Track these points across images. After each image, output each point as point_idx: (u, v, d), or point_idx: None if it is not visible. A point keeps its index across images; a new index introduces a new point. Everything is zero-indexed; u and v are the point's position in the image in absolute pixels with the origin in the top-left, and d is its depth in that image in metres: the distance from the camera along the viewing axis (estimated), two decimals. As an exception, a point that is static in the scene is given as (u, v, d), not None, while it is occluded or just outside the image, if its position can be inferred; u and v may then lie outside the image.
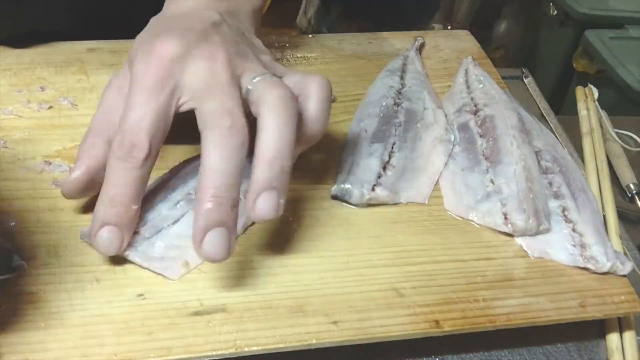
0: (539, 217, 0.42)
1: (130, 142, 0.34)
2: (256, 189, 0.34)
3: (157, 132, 0.35)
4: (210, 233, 0.33)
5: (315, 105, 0.38)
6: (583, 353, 0.40)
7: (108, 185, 0.35)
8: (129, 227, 0.36)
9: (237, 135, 0.34)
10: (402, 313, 0.37)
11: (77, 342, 0.33)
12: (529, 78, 0.65)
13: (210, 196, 0.33)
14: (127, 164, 0.34)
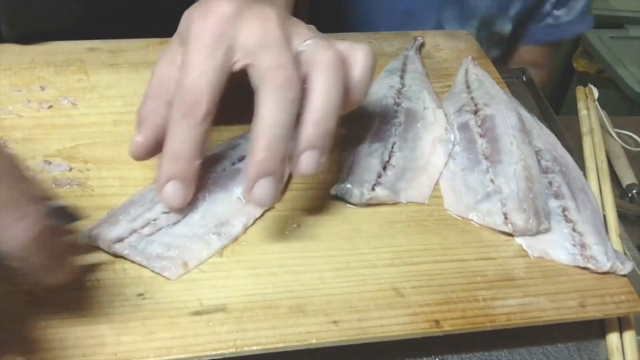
0: (539, 217, 0.42)
1: (192, 99, 0.35)
2: (302, 146, 0.36)
3: (215, 89, 0.36)
4: (262, 181, 0.36)
5: (360, 72, 0.39)
6: (583, 353, 0.40)
7: (171, 141, 0.36)
8: (192, 181, 0.38)
9: (291, 90, 0.35)
10: (402, 313, 0.37)
11: (77, 342, 0.33)
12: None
13: (263, 146, 0.35)
14: (189, 121, 0.36)
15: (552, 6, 0.87)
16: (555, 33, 0.90)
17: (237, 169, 0.43)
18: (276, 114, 0.35)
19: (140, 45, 0.55)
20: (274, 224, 0.41)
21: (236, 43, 0.36)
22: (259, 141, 0.35)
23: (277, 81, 0.35)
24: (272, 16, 0.37)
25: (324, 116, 0.36)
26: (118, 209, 0.40)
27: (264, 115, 0.35)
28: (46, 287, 0.34)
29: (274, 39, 0.36)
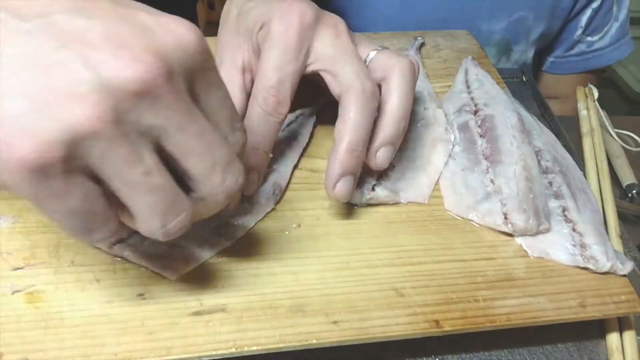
0: (539, 217, 0.42)
1: (277, 98, 0.39)
2: (380, 142, 0.40)
3: (294, 90, 0.40)
4: (343, 180, 0.39)
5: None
6: (583, 353, 0.40)
7: (252, 134, 0.38)
8: (264, 170, 0.41)
9: (374, 99, 0.39)
10: (402, 313, 0.37)
11: (77, 342, 0.33)
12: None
13: (348, 148, 0.38)
14: (272, 118, 0.39)
15: (583, 31, 0.81)
16: (589, 61, 0.83)
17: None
18: (360, 120, 0.38)
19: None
20: (274, 224, 0.41)
21: (312, 48, 0.40)
22: (343, 142, 0.38)
23: (365, 89, 0.38)
24: (343, 27, 0.41)
25: (404, 115, 0.40)
26: (118, 209, 0.39)
27: (350, 120, 0.38)
28: None
29: (351, 50, 0.40)
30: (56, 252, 0.38)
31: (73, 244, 0.38)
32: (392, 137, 0.40)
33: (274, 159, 0.44)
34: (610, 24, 0.81)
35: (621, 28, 0.81)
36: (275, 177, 0.43)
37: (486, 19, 0.77)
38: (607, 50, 0.82)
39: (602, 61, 0.83)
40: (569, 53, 0.84)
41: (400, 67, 0.40)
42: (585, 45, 0.82)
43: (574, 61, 0.84)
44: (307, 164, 0.46)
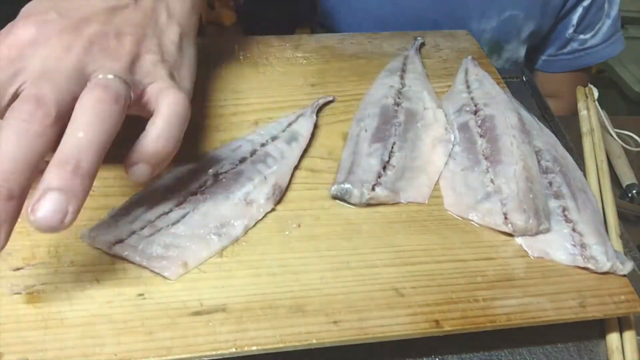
0: (539, 217, 0.42)
1: None
2: (40, 187, 0.31)
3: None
4: None
5: (160, 122, 0.35)
6: (583, 353, 0.40)
7: None
8: None
9: (37, 123, 0.31)
10: (402, 313, 0.37)
11: (77, 342, 0.33)
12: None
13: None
14: None
15: (575, 29, 0.80)
16: (582, 58, 0.82)
17: (238, 170, 0.43)
18: (13, 146, 0.31)
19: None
20: (274, 224, 0.41)
21: (27, 69, 0.34)
22: None
23: (21, 111, 0.31)
24: (77, 48, 0.35)
25: (75, 153, 0.32)
26: (118, 210, 0.40)
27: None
28: None
29: (61, 70, 0.34)
30: (56, 252, 0.38)
31: (73, 244, 0.38)
32: (53, 181, 0.31)
33: (274, 159, 0.44)
34: (602, 21, 0.80)
35: (613, 25, 0.81)
36: (276, 178, 0.43)
37: (476, 18, 0.77)
38: (600, 47, 0.82)
39: (595, 59, 0.83)
40: (561, 51, 0.84)
41: (86, 99, 0.33)
42: (577, 43, 0.82)
43: (566, 59, 0.84)
44: (307, 164, 0.46)
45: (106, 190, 0.42)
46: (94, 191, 0.42)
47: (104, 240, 0.37)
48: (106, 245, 0.37)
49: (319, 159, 0.47)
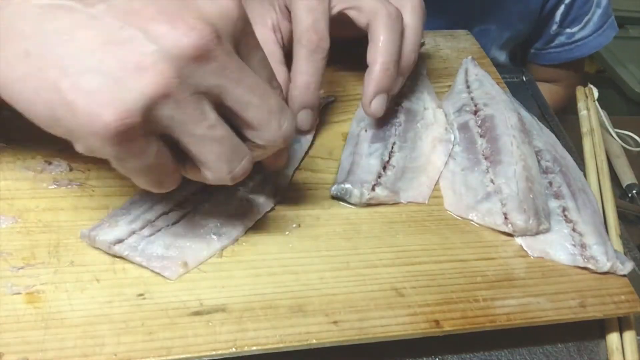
0: (539, 217, 0.42)
1: (318, 36, 0.42)
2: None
3: (329, 27, 0.43)
4: (378, 97, 0.43)
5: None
6: (583, 353, 0.40)
7: (302, 74, 0.43)
8: (318, 108, 0.45)
9: (400, 21, 0.44)
10: (402, 313, 0.37)
11: (77, 342, 0.33)
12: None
13: (381, 68, 0.42)
14: (317, 55, 0.42)
15: (559, 25, 0.80)
16: (572, 51, 0.82)
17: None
18: (390, 41, 0.42)
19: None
20: (274, 224, 0.41)
21: None
22: (377, 63, 0.42)
23: (388, 15, 0.43)
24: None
25: (415, 48, 0.44)
26: (118, 210, 0.40)
27: (382, 42, 0.42)
28: None
29: None
30: (56, 252, 0.38)
31: (73, 244, 0.38)
32: (407, 68, 0.45)
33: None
34: (592, 12, 0.79)
35: (604, 13, 0.79)
36: (276, 178, 0.43)
37: None
38: (591, 38, 0.80)
39: (586, 50, 0.82)
40: (548, 46, 0.83)
41: (412, 4, 0.45)
42: (565, 37, 0.81)
43: (555, 52, 0.83)
44: (308, 164, 0.46)
45: (106, 190, 0.42)
46: (94, 191, 0.42)
47: (104, 240, 0.37)
48: (106, 245, 0.37)
49: (319, 159, 0.47)
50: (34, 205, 0.40)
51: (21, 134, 0.45)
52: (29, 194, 0.41)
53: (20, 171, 0.42)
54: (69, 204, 0.40)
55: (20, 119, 0.32)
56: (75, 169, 0.43)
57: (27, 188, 0.41)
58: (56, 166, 0.43)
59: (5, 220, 0.39)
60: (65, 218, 0.40)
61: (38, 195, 0.41)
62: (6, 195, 0.41)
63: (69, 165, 0.43)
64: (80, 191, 0.42)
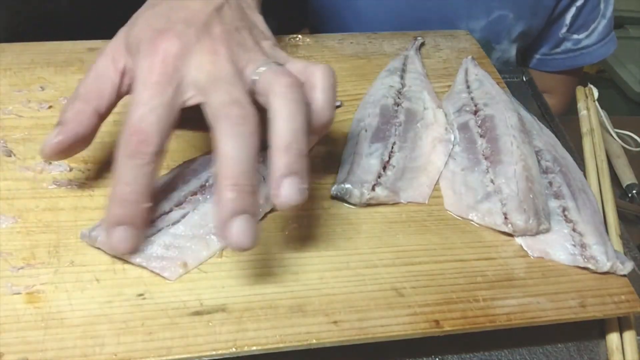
0: (539, 217, 0.42)
1: (139, 137, 0.34)
2: (277, 175, 0.34)
3: (165, 126, 0.35)
4: (235, 222, 0.33)
5: (321, 94, 0.38)
6: (583, 353, 0.40)
7: (119, 183, 0.35)
8: (142, 224, 0.36)
9: (248, 124, 0.34)
10: (402, 313, 0.37)
11: (77, 342, 0.33)
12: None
13: (229, 185, 0.33)
14: (137, 161, 0.34)
15: (568, 29, 0.80)
16: (577, 59, 0.82)
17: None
18: (236, 150, 0.34)
19: (140, 45, 0.55)
20: (274, 224, 0.41)
21: (186, 79, 0.36)
22: (224, 180, 0.33)
23: (232, 116, 0.34)
24: (222, 49, 0.37)
25: (293, 139, 0.35)
26: (118, 209, 0.39)
27: (225, 152, 0.34)
28: None
29: (225, 74, 0.36)
30: (56, 252, 0.38)
31: (73, 243, 0.38)
32: (289, 167, 0.34)
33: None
34: (597, 21, 0.80)
35: (608, 25, 0.80)
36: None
37: (465, 18, 0.76)
38: (595, 47, 0.81)
39: (589, 59, 0.82)
40: (554, 51, 0.83)
41: (279, 88, 0.35)
42: (571, 43, 0.81)
43: (560, 59, 0.83)
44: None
45: (106, 190, 0.42)
46: (94, 191, 0.42)
47: (104, 240, 0.37)
48: (106, 245, 0.37)
49: (319, 159, 0.47)
50: (34, 205, 0.40)
51: (21, 133, 0.45)
52: (29, 194, 0.41)
53: (20, 171, 0.42)
54: (69, 204, 0.40)
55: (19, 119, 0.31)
56: (75, 169, 0.43)
57: (27, 188, 0.41)
58: (56, 166, 0.43)
59: (5, 220, 0.39)
60: (65, 218, 0.40)
61: (38, 195, 0.41)
62: (6, 195, 0.41)
63: (69, 165, 0.43)
64: (80, 191, 0.42)
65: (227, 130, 0.34)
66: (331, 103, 0.38)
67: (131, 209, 0.35)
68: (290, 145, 0.34)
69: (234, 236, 0.33)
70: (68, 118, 0.38)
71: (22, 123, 0.46)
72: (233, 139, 0.34)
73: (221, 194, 0.33)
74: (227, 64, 0.36)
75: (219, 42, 0.37)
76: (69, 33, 0.55)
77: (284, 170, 0.34)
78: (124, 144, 0.34)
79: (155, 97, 0.35)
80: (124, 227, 0.35)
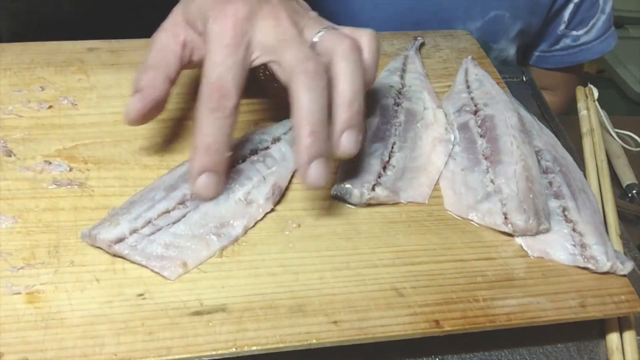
0: (539, 217, 0.42)
1: (220, 93, 0.38)
2: (339, 128, 0.39)
3: (239, 83, 0.39)
4: (313, 164, 0.38)
5: (368, 55, 0.42)
6: (583, 353, 0.40)
7: (202, 134, 0.38)
8: (223, 172, 0.40)
9: (323, 77, 0.38)
10: (402, 313, 0.37)
11: (77, 342, 0.33)
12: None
13: (308, 133, 0.37)
14: (219, 114, 0.38)
15: (566, 26, 0.80)
16: (576, 55, 0.82)
17: (238, 169, 0.43)
18: (314, 101, 0.38)
19: (140, 45, 0.55)
20: (274, 224, 0.41)
21: (254, 41, 0.40)
22: (303, 129, 0.38)
23: (307, 72, 0.38)
24: (283, 14, 0.40)
25: (355, 96, 0.39)
26: (118, 209, 0.40)
27: (302, 104, 0.38)
28: None
29: (291, 35, 0.40)
30: (56, 252, 0.38)
31: (73, 244, 0.38)
32: (350, 120, 0.39)
33: (275, 159, 0.44)
34: (597, 16, 0.79)
35: (608, 21, 0.80)
36: (275, 179, 0.43)
37: (461, 20, 0.76)
38: (594, 43, 0.81)
39: (589, 55, 0.82)
40: (554, 48, 0.83)
41: (344, 48, 0.40)
42: (570, 39, 0.81)
43: (560, 55, 0.83)
44: (307, 164, 0.46)
45: (106, 190, 0.42)
46: (94, 191, 0.42)
47: (104, 238, 0.37)
48: (107, 244, 0.37)
49: (319, 159, 0.47)
50: (34, 205, 0.40)
51: (21, 133, 0.45)
52: (29, 194, 0.41)
53: (20, 171, 0.42)
54: (69, 204, 0.40)
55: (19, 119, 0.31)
56: (75, 169, 0.43)
57: (27, 188, 0.41)
58: (56, 166, 0.43)
59: (5, 220, 0.39)
60: (65, 218, 0.40)
61: (38, 195, 0.41)
62: (6, 195, 0.41)
63: (69, 165, 0.43)
64: (80, 191, 0.42)
65: (305, 83, 0.38)
66: (376, 64, 0.43)
67: (215, 157, 0.39)
68: (352, 102, 0.39)
69: (312, 177, 0.38)
70: (144, 85, 0.41)
71: (22, 123, 0.46)
72: (310, 92, 0.38)
73: (300, 141, 0.38)
74: (291, 27, 0.40)
75: (279, 9, 0.41)
76: (69, 33, 0.55)
77: (345, 124, 0.39)
78: (205, 100, 0.38)
79: (229, 57, 0.39)
80: (208, 173, 0.39)
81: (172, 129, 0.47)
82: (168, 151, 0.45)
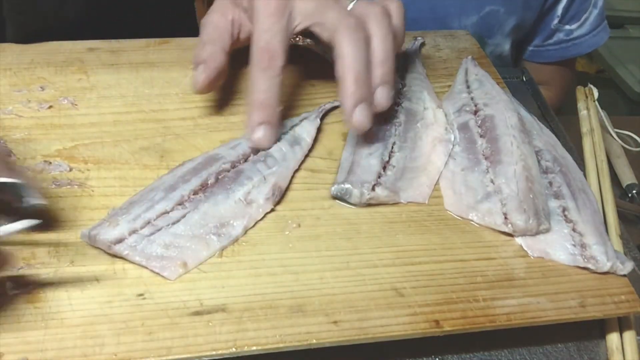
0: (539, 217, 0.42)
1: (269, 54, 0.43)
2: (374, 83, 0.43)
3: (285, 46, 0.44)
4: (358, 108, 0.42)
5: (397, 21, 0.47)
6: (583, 353, 0.40)
7: (257, 91, 0.43)
8: (277, 124, 0.45)
9: (363, 30, 0.43)
10: (402, 313, 0.37)
11: (77, 342, 0.33)
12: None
13: (353, 79, 0.42)
14: (270, 72, 0.43)
15: (559, 20, 0.81)
16: (569, 49, 0.83)
17: (239, 170, 0.43)
18: (356, 51, 0.42)
19: (140, 45, 0.55)
20: (274, 224, 0.41)
21: (296, 9, 0.45)
22: (347, 76, 0.42)
23: (350, 26, 0.43)
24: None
25: (387, 56, 0.44)
26: (118, 209, 0.40)
27: (347, 54, 0.42)
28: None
29: (329, 2, 0.45)
30: (56, 252, 0.38)
31: (73, 244, 0.38)
32: (383, 77, 0.43)
33: (275, 159, 0.44)
34: (589, 11, 0.80)
35: (600, 15, 0.81)
36: (276, 179, 0.43)
37: (456, 16, 0.77)
38: (587, 37, 0.82)
39: (581, 49, 0.83)
40: (547, 42, 0.84)
41: (376, 12, 0.44)
42: (563, 34, 0.82)
43: (553, 50, 0.84)
44: (307, 164, 0.46)
45: (106, 190, 0.42)
46: (94, 191, 0.42)
47: (104, 239, 0.37)
48: (106, 244, 0.37)
49: (319, 159, 0.47)
50: (34, 205, 0.40)
51: (21, 133, 0.45)
52: None
53: (20, 171, 0.42)
54: (69, 204, 0.40)
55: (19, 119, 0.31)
56: (75, 169, 0.43)
57: (27, 188, 0.41)
58: (56, 166, 0.43)
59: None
60: (65, 218, 0.40)
61: (38, 195, 0.41)
62: (6, 195, 0.41)
63: (69, 165, 0.43)
64: (80, 191, 0.42)
65: (349, 36, 0.42)
66: (404, 29, 0.48)
67: (269, 110, 0.44)
68: (386, 60, 0.44)
69: (358, 119, 0.43)
70: (206, 57, 0.46)
71: (22, 123, 0.46)
72: (353, 43, 0.42)
73: (345, 88, 0.42)
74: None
75: None
76: (69, 33, 0.55)
77: (380, 80, 0.43)
78: (257, 62, 0.43)
79: (275, 24, 0.44)
80: (265, 125, 0.44)
81: (173, 129, 0.47)
82: (168, 151, 0.45)
